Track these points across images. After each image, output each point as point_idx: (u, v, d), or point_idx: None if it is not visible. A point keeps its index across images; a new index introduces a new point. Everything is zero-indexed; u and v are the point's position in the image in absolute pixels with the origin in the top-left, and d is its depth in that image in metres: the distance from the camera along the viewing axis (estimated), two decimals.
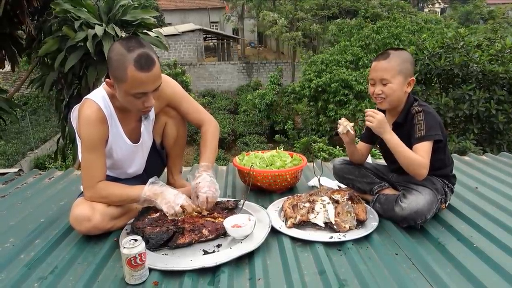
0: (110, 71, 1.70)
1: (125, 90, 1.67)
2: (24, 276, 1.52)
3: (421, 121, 1.83)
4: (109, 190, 1.78)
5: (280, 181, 2.26)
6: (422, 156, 1.77)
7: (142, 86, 1.66)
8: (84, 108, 1.76)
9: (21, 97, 17.01)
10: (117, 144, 1.89)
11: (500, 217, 1.91)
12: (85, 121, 1.75)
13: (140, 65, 1.62)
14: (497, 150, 4.85)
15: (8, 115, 4.42)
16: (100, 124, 1.77)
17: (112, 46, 1.69)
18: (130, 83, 1.64)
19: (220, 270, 1.51)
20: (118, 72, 1.65)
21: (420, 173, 1.79)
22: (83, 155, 1.79)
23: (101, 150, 1.80)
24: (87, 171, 1.78)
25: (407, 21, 14.91)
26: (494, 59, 4.99)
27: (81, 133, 1.78)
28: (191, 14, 28.34)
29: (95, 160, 1.78)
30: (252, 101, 16.92)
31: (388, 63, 1.86)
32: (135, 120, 1.94)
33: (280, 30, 20.15)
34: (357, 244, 1.70)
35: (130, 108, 1.80)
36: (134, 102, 1.72)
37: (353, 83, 12.86)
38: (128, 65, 1.61)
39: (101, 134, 1.79)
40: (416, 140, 1.81)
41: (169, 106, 2.05)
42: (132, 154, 1.99)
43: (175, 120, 2.11)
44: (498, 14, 25.55)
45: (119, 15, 4.03)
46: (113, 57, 1.66)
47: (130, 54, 1.62)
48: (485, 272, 1.48)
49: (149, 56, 1.65)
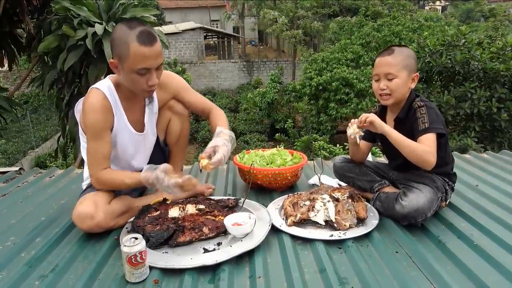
0: (114, 50, 1.76)
1: (128, 66, 1.71)
2: (24, 275, 1.52)
3: (424, 114, 1.82)
4: (113, 175, 1.84)
5: (281, 179, 2.25)
6: (428, 145, 1.75)
7: (144, 61, 1.70)
8: (90, 97, 1.80)
9: (22, 95, 17.02)
10: (121, 132, 1.91)
11: (501, 215, 1.90)
12: (90, 109, 1.78)
13: (142, 40, 1.67)
14: (498, 148, 4.85)
15: (9, 113, 4.43)
16: (105, 112, 1.80)
17: (115, 28, 1.76)
18: (133, 58, 1.68)
19: (220, 268, 1.51)
20: (121, 49, 1.70)
21: (428, 159, 1.73)
22: (88, 143, 1.82)
23: (106, 137, 1.83)
24: (92, 159, 1.82)
25: (407, 19, 14.88)
26: (495, 57, 4.99)
27: (86, 121, 1.80)
28: (192, 12, 28.31)
29: (100, 148, 1.81)
30: (253, 100, 16.90)
31: (393, 58, 1.86)
32: (139, 109, 1.97)
33: (280, 28, 20.12)
34: (357, 242, 1.70)
35: (134, 90, 1.82)
36: (138, 80, 1.75)
37: (354, 81, 12.83)
38: (130, 41, 1.67)
39: (106, 122, 1.82)
40: (420, 132, 1.79)
41: (175, 98, 2.09)
42: (136, 144, 2.00)
43: (179, 116, 2.13)
44: (499, 12, 25.50)
45: (119, 13, 4.03)
46: (116, 36, 1.72)
47: (132, 31, 1.68)
48: (485, 270, 1.48)
49: (150, 32, 1.72)
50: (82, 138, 1.95)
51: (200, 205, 1.91)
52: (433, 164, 1.75)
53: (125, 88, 1.86)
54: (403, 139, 1.79)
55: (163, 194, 2.07)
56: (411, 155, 1.77)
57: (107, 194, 1.85)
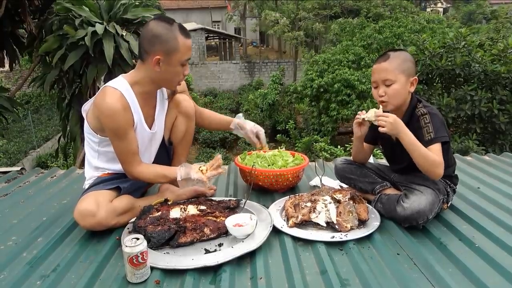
0: (159, 46, 1.78)
1: (177, 59, 1.81)
2: (26, 274, 1.52)
3: (428, 123, 1.81)
4: (146, 174, 1.92)
5: (282, 180, 2.25)
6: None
7: (189, 51, 1.86)
8: (107, 97, 1.78)
9: (23, 95, 17.03)
10: (138, 130, 1.92)
11: (502, 217, 1.90)
12: (110, 111, 1.77)
13: (185, 33, 1.83)
14: (499, 150, 4.84)
15: (10, 113, 4.44)
16: (125, 111, 1.81)
17: (150, 26, 1.81)
18: (182, 50, 1.81)
19: (221, 269, 1.51)
20: (170, 44, 1.78)
21: (437, 172, 1.75)
22: (113, 144, 1.85)
23: (131, 135, 1.85)
24: (124, 157, 1.87)
25: (409, 20, 14.86)
26: (497, 59, 4.98)
27: (107, 124, 1.80)
28: (193, 13, 28.31)
29: (127, 146, 1.85)
30: (254, 101, 16.91)
31: (389, 63, 1.85)
32: (152, 107, 2.01)
33: (282, 29, 20.13)
34: (358, 244, 1.70)
35: (171, 82, 1.92)
36: (179, 72, 1.87)
37: (355, 83, 12.81)
38: (177, 35, 1.79)
39: (129, 120, 1.84)
40: (426, 143, 1.79)
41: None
42: (148, 142, 2.02)
43: (186, 115, 2.15)
44: (501, 13, 25.46)
45: (120, 13, 4.04)
46: (158, 32, 1.78)
47: (173, 26, 1.80)
48: (487, 272, 1.48)
49: (184, 26, 1.87)
50: (90, 136, 1.95)
51: (201, 206, 1.91)
52: (441, 176, 1.77)
53: (144, 87, 1.89)
54: (418, 145, 1.75)
55: (165, 194, 2.07)
56: (422, 161, 1.76)
57: (109, 193, 1.85)
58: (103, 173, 2.00)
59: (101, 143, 1.93)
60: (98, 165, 1.99)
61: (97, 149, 1.97)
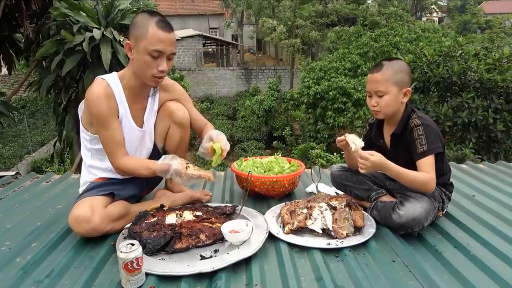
0: (132, 32, 1.82)
1: (144, 47, 1.77)
2: (20, 280, 1.51)
3: (421, 135, 1.83)
4: (130, 166, 1.89)
5: (278, 187, 2.26)
6: (427, 170, 1.78)
7: (160, 43, 1.78)
8: (93, 86, 1.85)
9: (19, 100, 16.96)
10: (124, 124, 1.92)
11: (497, 225, 1.91)
12: (94, 97, 1.81)
13: (161, 26, 1.78)
14: (494, 158, 4.86)
15: (6, 118, 4.42)
16: (108, 99, 1.83)
17: (136, 15, 1.86)
18: (150, 39, 1.76)
19: (217, 275, 1.51)
20: (139, 30, 1.78)
21: (428, 188, 1.80)
22: (99, 134, 1.86)
23: (115, 124, 1.86)
24: (107, 148, 1.86)
25: (404, 29, 14.99)
26: (492, 68, 5.02)
27: (91, 111, 1.83)
28: (191, 19, 28.41)
29: (111, 135, 1.85)
30: (251, 107, 16.94)
31: (382, 74, 1.87)
32: (141, 106, 2.00)
33: (279, 36, 20.23)
34: (354, 251, 1.70)
35: (144, 75, 1.85)
36: (150, 64, 1.80)
37: (351, 90, 12.90)
38: (150, 24, 1.77)
39: (111, 108, 1.85)
40: (419, 155, 1.81)
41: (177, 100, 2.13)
42: (136, 140, 2.00)
43: (179, 125, 2.11)
44: (496, 23, 25.77)
45: (117, 19, 4.05)
46: (136, 20, 1.82)
47: (152, 17, 1.80)
48: (482, 280, 1.49)
49: (168, 22, 1.84)
50: (83, 135, 1.96)
51: (197, 212, 1.90)
52: (433, 189, 1.80)
53: (130, 81, 1.90)
54: (403, 173, 1.79)
55: (161, 200, 2.06)
56: (411, 185, 1.81)
57: (104, 198, 1.85)
58: (95, 178, 1.99)
59: (92, 141, 1.95)
60: (92, 164, 1.99)
61: (89, 148, 1.98)
